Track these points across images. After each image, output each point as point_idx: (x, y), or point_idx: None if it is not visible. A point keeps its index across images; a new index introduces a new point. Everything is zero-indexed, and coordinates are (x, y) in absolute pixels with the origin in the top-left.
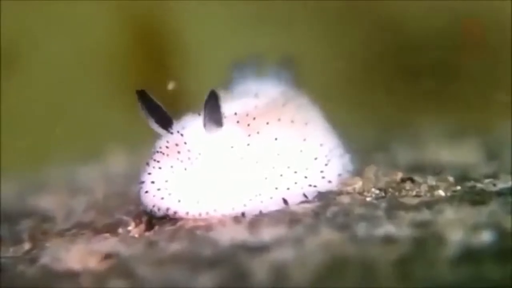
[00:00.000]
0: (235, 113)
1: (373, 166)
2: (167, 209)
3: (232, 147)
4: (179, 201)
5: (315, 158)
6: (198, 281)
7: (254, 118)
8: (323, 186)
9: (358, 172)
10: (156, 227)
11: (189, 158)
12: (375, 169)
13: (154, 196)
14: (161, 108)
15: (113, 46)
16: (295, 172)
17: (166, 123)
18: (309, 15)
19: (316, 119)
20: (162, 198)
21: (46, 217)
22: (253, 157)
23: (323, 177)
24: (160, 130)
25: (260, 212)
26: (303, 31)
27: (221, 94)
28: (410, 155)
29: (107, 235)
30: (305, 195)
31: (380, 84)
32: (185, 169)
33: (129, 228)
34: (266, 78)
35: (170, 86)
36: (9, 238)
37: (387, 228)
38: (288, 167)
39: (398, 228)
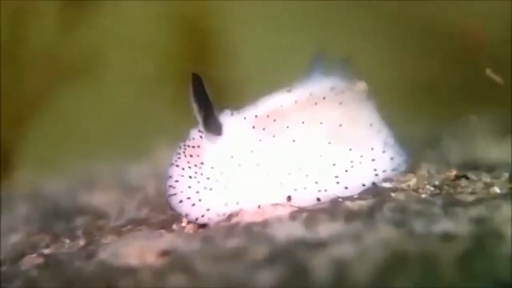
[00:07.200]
0: (256, 116)
1: (425, 163)
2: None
3: (232, 157)
4: (186, 215)
5: (334, 164)
6: (256, 276)
7: (275, 120)
8: (338, 192)
9: (410, 169)
10: (211, 223)
11: (195, 165)
12: (427, 166)
13: (170, 197)
14: (208, 99)
15: (162, 42)
16: (307, 175)
17: (208, 115)
18: (354, 16)
19: (360, 119)
20: (179, 203)
21: (99, 213)
22: (257, 164)
23: (337, 182)
24: (200, 119)
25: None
26: (353, 31)
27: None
28: (462, 152)
29: (162, 231)
30: (318, 199)
31: (432, 81)
32: (190, 177)
33: (183, 224)
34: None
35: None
36: (64, 234)
37: (445, 225)
38: (299, 169)
39: (456, 225)
